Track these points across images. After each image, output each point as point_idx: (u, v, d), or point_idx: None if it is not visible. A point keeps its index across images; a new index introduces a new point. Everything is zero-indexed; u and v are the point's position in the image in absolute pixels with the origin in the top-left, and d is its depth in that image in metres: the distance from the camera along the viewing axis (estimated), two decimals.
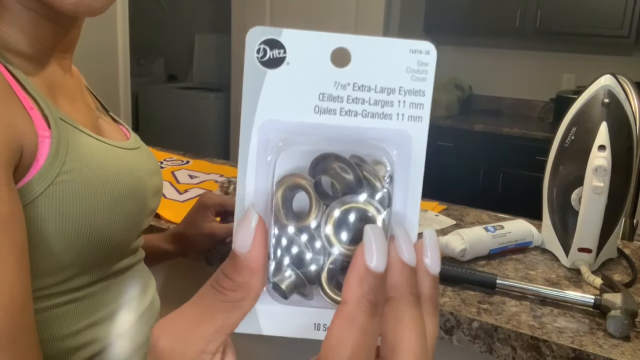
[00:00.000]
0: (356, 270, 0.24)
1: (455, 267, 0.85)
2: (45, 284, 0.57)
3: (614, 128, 0.89)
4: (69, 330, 0.60)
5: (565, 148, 0.95)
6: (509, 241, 0.96)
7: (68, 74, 0.68)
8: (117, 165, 0.62)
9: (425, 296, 0.26)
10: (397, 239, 0.26)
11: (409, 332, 0.25)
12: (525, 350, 0.72)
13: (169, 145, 1.71)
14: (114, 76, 2.96)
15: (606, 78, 0.92)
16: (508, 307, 0.78)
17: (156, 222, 1.04)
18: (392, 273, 0.25)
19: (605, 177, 0.87)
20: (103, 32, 2.80)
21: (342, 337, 0.24)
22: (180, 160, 1.49)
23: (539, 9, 3.29)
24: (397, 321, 0.25)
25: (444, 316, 0.77)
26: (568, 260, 0.93)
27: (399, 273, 0.25)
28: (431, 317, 0.27)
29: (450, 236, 0.94)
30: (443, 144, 3.39)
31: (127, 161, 0.65)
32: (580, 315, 0.77)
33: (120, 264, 0.66)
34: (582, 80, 3.48)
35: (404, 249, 0.26)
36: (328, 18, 3.21)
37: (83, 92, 0.72)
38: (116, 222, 0.61)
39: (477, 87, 3.86)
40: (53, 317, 0.59)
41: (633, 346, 0.70)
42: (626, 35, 3.12)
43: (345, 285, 0.24)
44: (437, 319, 0.27)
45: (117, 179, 0.61)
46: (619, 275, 0.91)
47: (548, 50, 3.61)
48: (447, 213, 1.17)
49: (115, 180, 0.60)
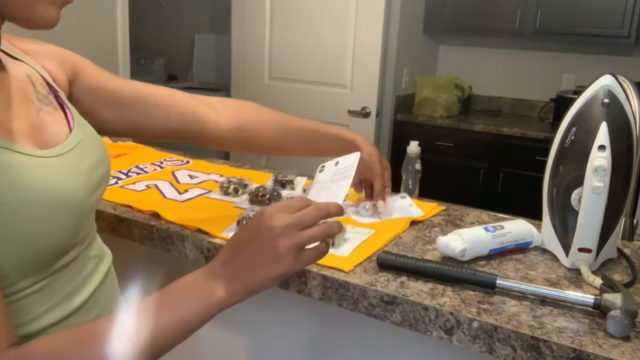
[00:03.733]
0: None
1: (455, 267, 0.85)
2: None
3: (614, 128, 0.89)
4: (24, 319, 0.62)
5: (565, 148, 0.95)
6: (509, 241, 0.96)
7: (2, 77, 0.67)
8: (45, 180, 0.61)
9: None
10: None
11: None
12: (525, 350, 0.72)
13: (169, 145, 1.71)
14: None
15: (606, 78, 0.92)
16: (508, 307, 0.78)
17: (156, 223, 1.04)
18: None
19: (605, 177, 0.87)
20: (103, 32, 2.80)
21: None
22: (180, 160, 1.49)
23: (539, 9, 3.29)
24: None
25: (444, 316, 0.77)
26: (568, 260, 0.93)
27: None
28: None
29: (450, 236, 0.94)
30: (443, 144, 3.39)
31: (62, 171, 0.65)
32: (580, 315, 0.77)
33: (64, 259, 0.66)
34: (582, 80, 3.49)
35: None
36: (328, 18, 3.21)
37: (21, 86, 0.69)
38: (51, 232, 0.61)
39: (477, 87, 3.86)
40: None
41: (633, 346, 0.70)
42: (626, 35, 3.12)
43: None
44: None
45: (46, 195, 0.60)
46: (619, 275, 0.91)
47: (548, 50, 3.61)
48: (447, 213, 1.17)
49: (44, 197, 0.60)
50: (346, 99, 3.23)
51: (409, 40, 3.52)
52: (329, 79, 3.27)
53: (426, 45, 3.82)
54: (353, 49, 3.17)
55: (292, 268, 0.65)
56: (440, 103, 3.54)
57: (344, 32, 3.17)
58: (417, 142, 1.32)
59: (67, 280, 0.67)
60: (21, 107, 0.67)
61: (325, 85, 3.28)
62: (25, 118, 0.66)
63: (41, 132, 0.68)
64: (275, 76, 3.45)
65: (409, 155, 1.32)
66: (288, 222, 0.65)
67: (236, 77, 3.60)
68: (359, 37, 3.13)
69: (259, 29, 3.44)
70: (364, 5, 3.08)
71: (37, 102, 0.70)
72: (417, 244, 1.00)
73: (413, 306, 0.79)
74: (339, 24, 3.18)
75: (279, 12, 3.36)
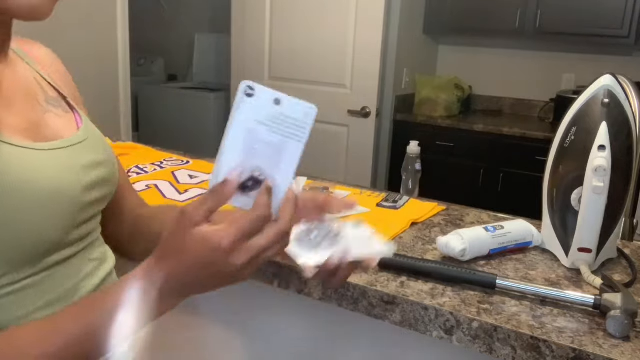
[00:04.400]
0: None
1: (455, 267, 0.85)
2: None
3: (614, 128, 0.89)
4: (13, 315, 0.61)
5: (565, 148, 0.95)
6: (509, 241, 0.96)
7: (6, 75, 0.66)
8: (36, 170, 0.61)
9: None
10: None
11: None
12: (525, 350, 0.72)
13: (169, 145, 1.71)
14: (114, 76, 2.96)
15: (606, 78, 0.92)
16: (508, 307, 0.78)
17: None
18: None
19: (605, 177, 0.87)
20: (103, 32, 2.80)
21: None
22: (180, 160, 1.49)
23: (539, 9, 3.29)
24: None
25: (444, 316, 0.77)
26: (568, 260, 0.93)
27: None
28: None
29: (450, 236, 0.94)
30: (443, 144, 3.39)
31: (51, 163, 0.64)
32: (580, 315, 0.77)
33: (53, 257, 0.65)
34: (582, 80, 3.48)
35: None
36: (328, 18, 3.21)
37: (27, 87, 0.69)
38: (36, 223, 0.60)
39: (477, 87, 3.86)
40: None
41: (633, 346, 0.70)
42: (626, 35, 3.12)
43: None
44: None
45: (35, 185, 0.60)
46: (619, 275, 0.91)
47: (548, 50, 3.61)
48: (447, 213, 1.17)
49: (27, 187, 0.59)
50: (346, 99, 3.23)
51: (409, 40, 3.52)
52: (329, 79, 3.27)
53: (426, 45, 3.82)
54: (353, 49, 3.17)
55: (247, 278, 0.61)
56: (440, 103, 3.54)
57: (344, 32, 3.17)
58: (417, 142, 1.32)
59: (61, 280, 0.67)
60: (23, 106, 0.67)
61: (325, 85, 3.28)
62: (25, 115, 0.66)
63: (41, 129, 0.67)
64: (275, 76, 3.45)
65: (409, 155, 1.32)
66: (234, 239, 0.56)
67: (236, 77, 3.60)
68: (359, 37, 3.14)
69: (259, 29, 3.44)
70: (364, 5, 3.08)
71: (44, 104, 0.70)
72: (417, 244, 1.00)
73: (413, 306, 0.79)
74: (339, 24, 3.18)
75: (279, 12, 3.36)
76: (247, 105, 0.56)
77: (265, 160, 0.57)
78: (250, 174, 0.58)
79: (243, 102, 0.56)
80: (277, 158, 0.57)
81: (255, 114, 0.56)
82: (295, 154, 0.57)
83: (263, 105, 0.56)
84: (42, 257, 0.63)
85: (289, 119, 0.57)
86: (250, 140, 0.57)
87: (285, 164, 0.58)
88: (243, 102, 0.56)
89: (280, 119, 0.56)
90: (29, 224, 0.59)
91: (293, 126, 0.57)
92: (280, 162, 0.57)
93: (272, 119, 0.56)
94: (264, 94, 0.56)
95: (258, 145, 0.57)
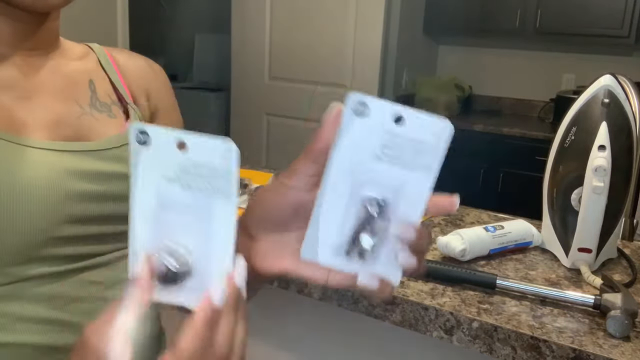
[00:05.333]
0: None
1: (455, 267, 0.85)
2: None
3: (614, 128, 0.89)
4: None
5: (565, 148, 0.95)
6: (509, 241, 0.96)
7: (42, 71, 0.65)
8: (10, 166, 0.57)
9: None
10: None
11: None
12: (525, 350, 0.72)
13: None
14: None
15: (606, 78, 0.92)
16: (508, 307, 0.78)
17: None
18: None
19: (605, 177, 0.87)
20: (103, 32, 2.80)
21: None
22: None
23: (539, 9, 3.29)
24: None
25: (444, 316, 0.77)
26: (568, 260, 0.93)
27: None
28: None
29: (450, 236, 0.94)
30: None
31: (40, 163, 0.59)
32: (580, 315, 0.77)
33: (36, 269, 0.60)
34: (582, 80, 3.48)
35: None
36: (328, 18, 3.21)
37: (68, 86, 0.66)
38: (10, 219, 0.56)
39: (477, 87, 3.86)
40: None
41: (633, 346, 0.70)
42: (626, 35, 3.12)
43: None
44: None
45: (4, 180, 0.56)
46: (619, 275, 0.91)
47: (548, 50, 3.61)
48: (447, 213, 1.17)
49: (9, 181, 0.56)
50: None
51: (409, 40, 3.52)
52: (329, 79, 3.27)
53: (426, 45, 3.82)
54: (353, 48, 3.17)
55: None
56: (440, 103, 3.54)
57: (343, 32, 3.17)
58: None
59: (46, 298, 0.61)
60: (51, 102, 0.64)
61: (325, 85, 3.28)
62: (48, 111, 0.63)
63: (61, 127, 0.63)
64: (275, 76, 3.45)
65: None
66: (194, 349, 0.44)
67: (236, 77, 3.60)
68: (358, 37, 3.13)
69: (259, 29, 3.44)
70: (364, 5, 3.08)
71: (85, 107, 0.66)
72: None
73: (413, 306, 0.79)
74: (339, 24, 3.18)
75: (279, 12, 3.36)
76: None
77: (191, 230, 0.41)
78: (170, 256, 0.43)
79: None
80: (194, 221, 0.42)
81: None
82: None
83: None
84: (13, 265, 0.58)
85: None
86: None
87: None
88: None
89: (190, 171, 0.42)
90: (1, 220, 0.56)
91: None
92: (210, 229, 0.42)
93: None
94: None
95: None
